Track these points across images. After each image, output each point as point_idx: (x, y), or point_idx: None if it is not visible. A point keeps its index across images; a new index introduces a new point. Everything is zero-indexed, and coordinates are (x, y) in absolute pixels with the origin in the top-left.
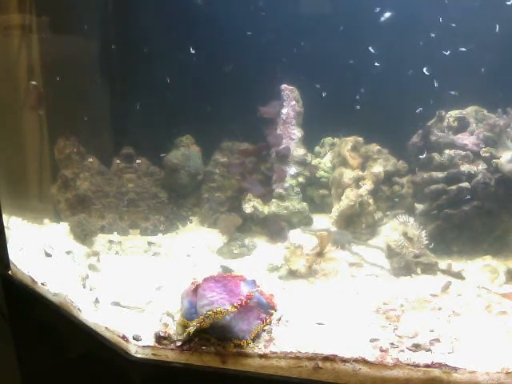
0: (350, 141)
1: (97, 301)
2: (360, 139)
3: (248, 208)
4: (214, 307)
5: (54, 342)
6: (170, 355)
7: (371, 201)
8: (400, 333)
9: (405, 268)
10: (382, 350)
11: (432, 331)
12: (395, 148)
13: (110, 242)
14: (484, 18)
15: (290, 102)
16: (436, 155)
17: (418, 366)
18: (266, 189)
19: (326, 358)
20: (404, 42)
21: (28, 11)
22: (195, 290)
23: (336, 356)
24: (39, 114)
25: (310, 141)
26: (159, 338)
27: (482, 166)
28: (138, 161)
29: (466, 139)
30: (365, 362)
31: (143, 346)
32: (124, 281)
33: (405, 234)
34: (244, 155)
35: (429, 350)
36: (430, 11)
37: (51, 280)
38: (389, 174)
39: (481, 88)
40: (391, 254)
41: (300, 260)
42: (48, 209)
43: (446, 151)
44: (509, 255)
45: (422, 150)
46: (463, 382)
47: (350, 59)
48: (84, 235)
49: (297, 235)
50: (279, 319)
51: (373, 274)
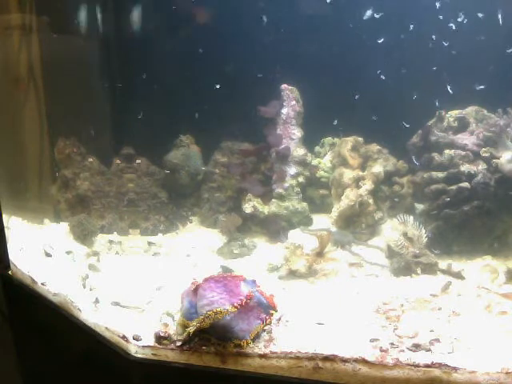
0: (349, 141)
1: (97, 301)
2: (360, 139)
3: (248, 208)
4: (214, 307)
5: (54, 342)
6: (169, 355)
7: (371, 201)
8: (400, 333)
9: (405, 268)
10: (382, 350)
11: (432, 331)
12: (395, 148)
13: (110, 241)
14: (484, 17)
15: (290, 102)
16: (436, 155)
17: (418, 365)
18: (266, 189)
19: (326, 358)
20: (404, 42)
21: (28, 11)
22: (195, 290)
23: (336, 356)
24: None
25: (310, 141)
26: (159, 338)
27: (482, 166)
28: (138, 161)
29: (466, 139)
30: (365, 361)
31: (143, 346)
32: (124, 281)
33: (405, 234)
34: (244, 155)
35: (429, 350)
36: (430, 11)
37: (51, 280)
38: (389, 174)
39: (481, 88)
40: (391, 254)
41: (300, 260)
42: (48, 209)
43: (446, 151)
44: (509, 255)
45: (422, 150)
46: (463, 382)
47: (350, 59)
48: (84, 235)
49: (297, 235)
50: (279, 319)
51: (373, 274)
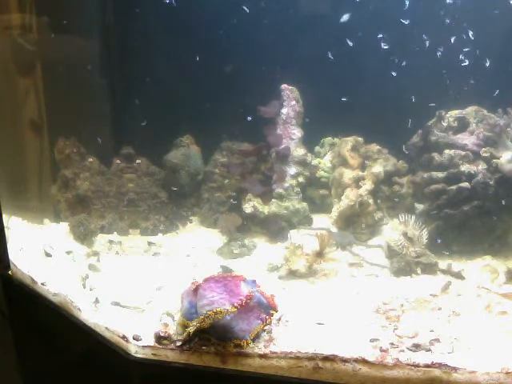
0: (349, 141)
1: (97, 301)
2: (360, 139)
3: (248, 208)
4: (214, 307)
5: (54, 342)
6: (170, 355)
7: (371, 201)
8: (400, 333)
9: (405, 268)
10: (382, 350)
11: (432, 331)
12: (395, 148)
13: (110, 241)
14: (484, 17)
15: (290, 102)
16: (436, 155)
17: (418, 365)
18: (266, 189)
19: (326, 358)
20: (404, 41)
21: (28, 11)
22: (195, 290)
23: (336, 356)
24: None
25: (310, 141)
26: (159, 338)
27: (482, 166)
28: (138, 161)
29: (466, 139)
30: (365, 361)
31: (143, 346)
32: (124, 281)
33: (405, 234)
34: (244, 155)
35: (429, 350)
36: (430, 11)
37: (51, 280)
38: (389, 173)
39: (481, 88)
40: (391, 254)
41: (300, 260)
42: (48, 209)
43: (446, 151)
44: (509, 255)
45: (422, 150)
46: (463, 382)
47: (350, 59)
48: (84, 235)
49: (297, 235)
50: (279, 319)
51: (373, 274)
